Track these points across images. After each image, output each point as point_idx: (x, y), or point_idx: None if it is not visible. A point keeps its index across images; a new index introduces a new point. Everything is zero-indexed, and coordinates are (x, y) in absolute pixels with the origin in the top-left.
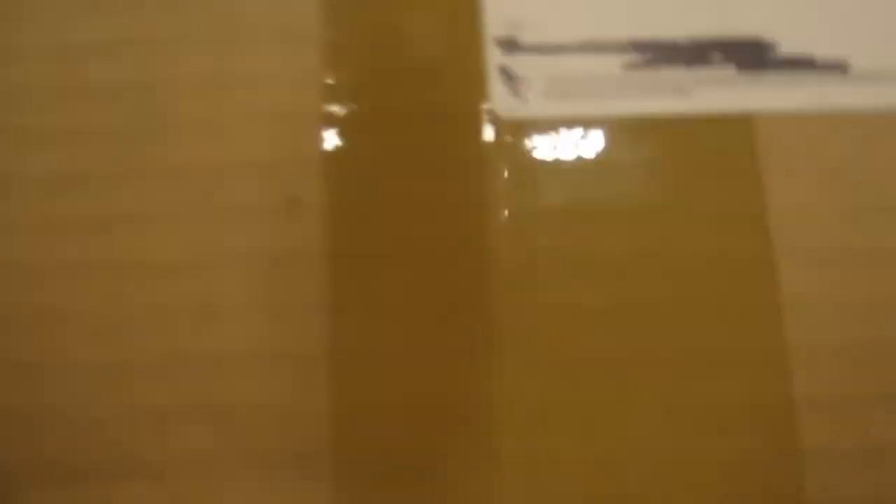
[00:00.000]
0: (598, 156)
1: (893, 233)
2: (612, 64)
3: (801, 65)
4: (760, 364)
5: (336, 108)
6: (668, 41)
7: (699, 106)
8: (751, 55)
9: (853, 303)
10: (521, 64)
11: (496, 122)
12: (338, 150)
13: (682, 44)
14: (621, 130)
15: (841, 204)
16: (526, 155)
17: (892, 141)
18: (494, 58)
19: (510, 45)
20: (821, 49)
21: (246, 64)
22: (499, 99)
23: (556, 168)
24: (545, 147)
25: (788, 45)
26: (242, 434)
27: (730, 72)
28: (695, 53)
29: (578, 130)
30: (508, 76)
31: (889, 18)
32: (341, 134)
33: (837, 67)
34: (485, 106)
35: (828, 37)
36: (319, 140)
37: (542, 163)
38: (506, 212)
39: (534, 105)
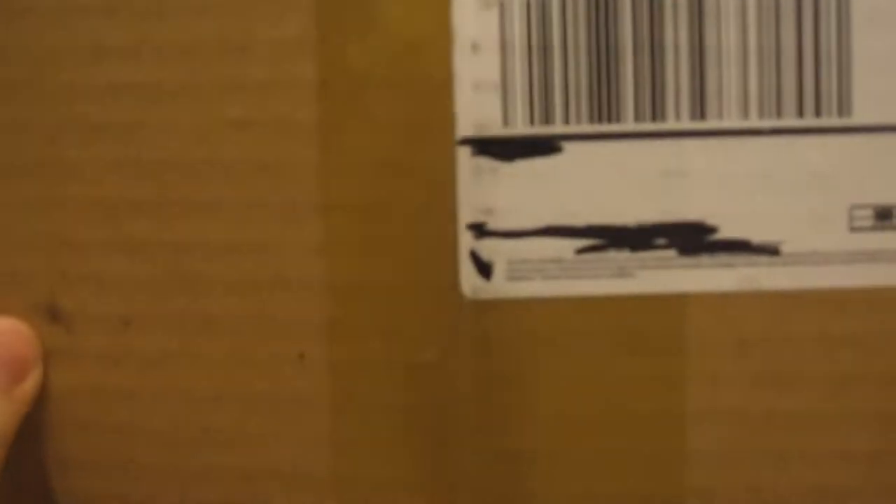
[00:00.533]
0: (549, 332)
1: (789, 395)
2: (566, 248)
3: (737, 248)
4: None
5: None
6: (618, 226)
7: (640, 288)
8: (692, 239)
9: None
10: (488, 248)
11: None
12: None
13: (630, 228)
14: (573, 309)
15: (749, 370)
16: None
17: (805, 316)
18: (465, 243)
19: (480, 230)
20: (757, 233)
21: None
22: (466, 280)
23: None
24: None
25: (729, 228)
26: None
27: (670, 254)
28: (640, 238)
29: (535, 308)
30: (477, 259)
31: (821, 203)
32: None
33: (770, 250)
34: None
35: (765, 221)
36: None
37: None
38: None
39: (497, 286)
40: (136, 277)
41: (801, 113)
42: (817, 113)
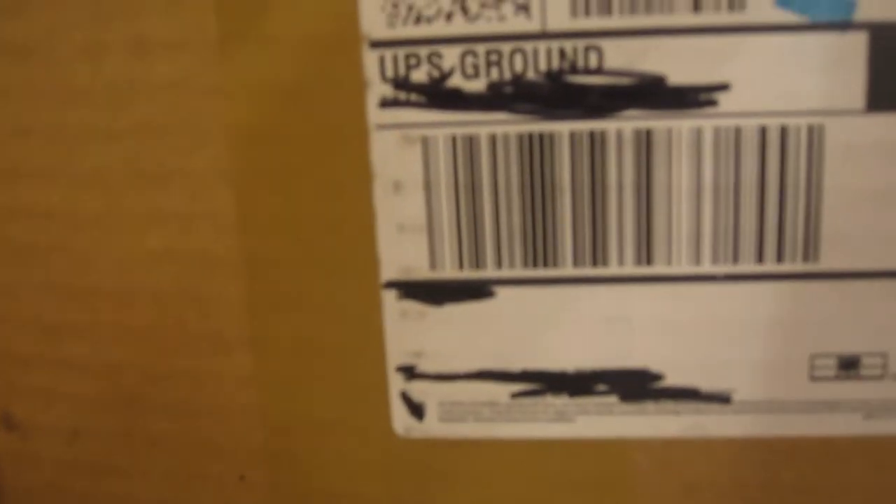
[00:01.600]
0: (486, 473)
1: None
2: (501, 392)
3: (684, 395)
4: None
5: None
6: (556, 371)
7: (580, 432)
8: (635, 385)
9: None
10: (419, 390)
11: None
12: None
13: (568, 374)
14: (510, 451)
15: None
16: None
17: (755, 462)
18: (395, 384)
19: (410, 372)
20: (706, 381)
21: None
22: (398, 420)
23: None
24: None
25: (675, 376)
26: None
27: (612, 400)
28: (580, 384)
29: (470, 448)
30: (408, 400)
31: (779, 352)
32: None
33: (720, 398)
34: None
35: (716, 369)
36: None
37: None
38: None
39: (430, 427)
40: (80, 393)
41: (760, 258)
42: (779, 258)
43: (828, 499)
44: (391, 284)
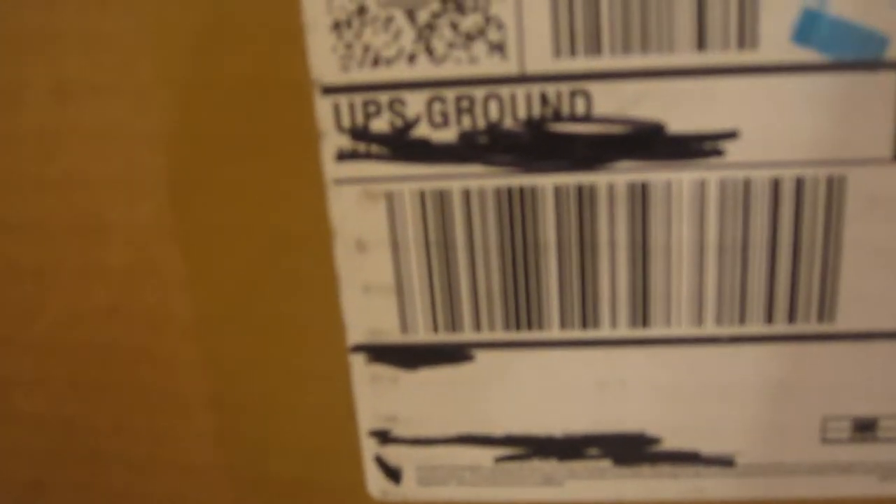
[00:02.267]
0: None
1: None
2: (484, 456)
3: (684, 459)
4: None
5: None
6: (543, 436)
7: (570, 496)
8: (630, 449)
9: None
10: (394, 454)
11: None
12: None
13: (556, 438)
14: None
15: None
16: None
17: None
18: (369, 448)
19: (384, 437)
20: (708, 444)
21: None
22: (374, 483)
23: None
24: None
25: (673, 440)
26: None
27: (605, 464)
28: (569, 447)
29: None
30: (383, 464)
31: (788, 413)
32: None
33: (723, 462)
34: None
35: (718, 432)
36: None
37: None
38: None
39: (408, 490)
40: (39, 448)
41: (770, 319)
42: (791, 318)
43: None
44: (359, 348)
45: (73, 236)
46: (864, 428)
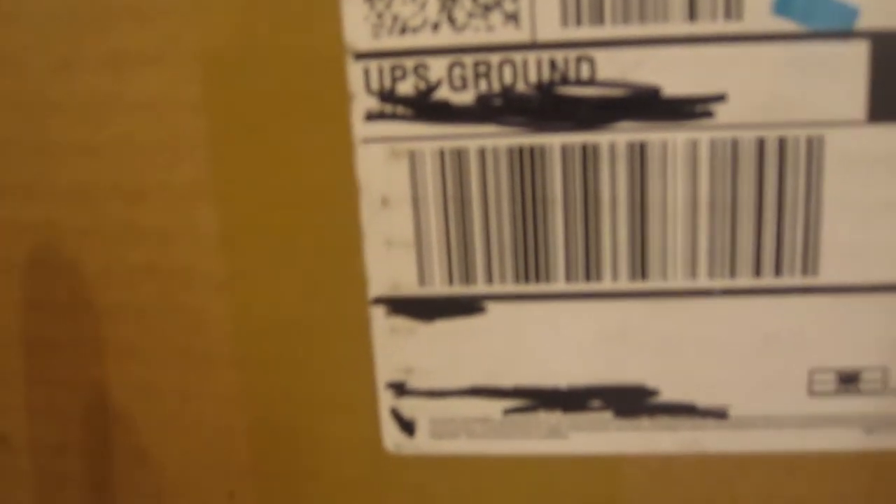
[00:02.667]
0: (477, 489)
1: None
2: (493, 408)
3: (681, 411)
4: None
5: None
6: (549, 388)
7: (574, 448)
8: (630, 401)
9: None
10: (409, 407)
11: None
12: None
13: (561, 390)
14: (502, 467)
15: None
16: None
17: (753, 478)
18: (386, 401)
19: (400, 389)
20: (703, 396)
21: None
22: (389, 436)
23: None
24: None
25: (671, 392)
26: None
27: (606, 416)
28: (573, 400)
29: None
30: (398, 417)
31: (778, 367)
32: None
33: (717, 414)
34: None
35: (712, 384)
36: None
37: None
38: None
39: (421, 443)
40: (64, 410)
41: (758, 272)
42: (777, 272)
43: None
44: (379, 301)
45: (114, 199)
46: (848, 380)
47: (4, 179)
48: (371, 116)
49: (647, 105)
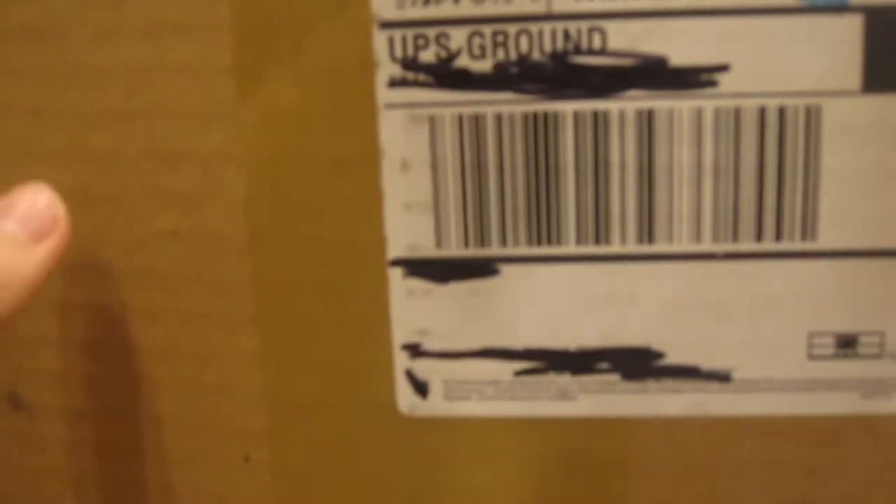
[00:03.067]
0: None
1: None
2: (505, 370)
3: (686, 374)
4: None
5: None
6: (559, 349)
7: (582, 411)
8: (637, 364)
9: None
10: (423, 368)
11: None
12: None
13: (570, 352)
14: (512, 429)
15: (694, 496)
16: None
17: (755, 441)
18: (401, 362)
19: (415, 350)
20: (707, 359)
21: None
22: (403, 398)
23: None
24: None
25: (676, 354)
26: None
27: (614, 379)
28: (582, 362)
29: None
30: (412, 379)
31: (778, 330)
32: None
33: (720, 377)
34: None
35: (716, 347)
36: None
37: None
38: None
39: (434, 405)
40: (86, 375)
41: (759, 236)
42: (778, 236)
43: (827, 478)
44: (397, 262)
45: (145, 164)
46: (846, 344)
47: (38, 147)
48: (394, 83)
49: (654, 74)
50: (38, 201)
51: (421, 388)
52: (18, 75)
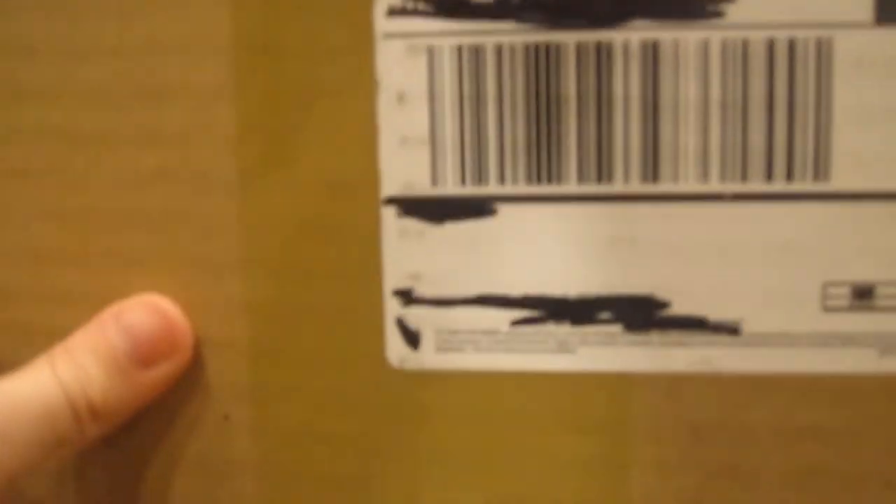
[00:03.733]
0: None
1: (745, 492)
2: (501, 319)
3: (692, 325)
4: None
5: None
6: (558, 297)
7: (582, 364)
8: (640, 314)
9: None
10: (415, 316)
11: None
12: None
13: (570, 300)
14: (507, 384)
15: (702, 461)
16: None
17: (767, 402)
18: (391, 310)
19: (407, 297)
20: (715, 309)
21: None
22: (393, 349)
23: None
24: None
25: (682, 304)
26: None
27: (616, 331)
28: (582, 311)
29: (466, 381)
30: (403, 328)
31: (791, 279)
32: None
33: (729, 329)
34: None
35: (724, 296)
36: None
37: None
38: None
39: (425, 357)
40: (64, 326)
41: (769, 176)
42: (789, 177)
43: (844, 442)
44: (391, 201)
45: (134, 101)
46: (863, 295)
47: (29, 85)
48: (393, 12)
49: (659, 3)
50: (151, 317)
51: (412, 339)
52: (5, 12)
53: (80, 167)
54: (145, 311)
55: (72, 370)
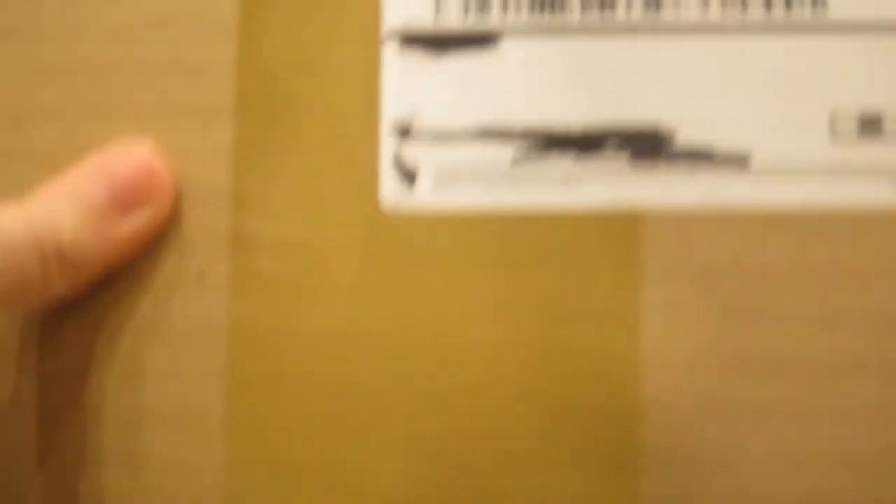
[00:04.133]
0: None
1: (766, 336)
2: (502, 153)
3: (700, 157)
4: (614, 465)
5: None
6: (562, 130)
7: (587, 198)
8: (646, 145)
9: (720, 404)
10: (413, 154)
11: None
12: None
13: (574, 133)
14: (509, 224)
15: (717, 305)
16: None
17: (781, 241)
18: (388, 147)
19: (405, 133)
20: (722, 140)
21: None
22: (388, 189)
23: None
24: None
25: (688, 134)
26: None
27: (621, 163)
28: (587, 142)
29: (465, 222)
30: (400, 165)
31: (797, 108)
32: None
33: (738, 160)
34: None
35: (731, 126)
36: None
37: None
38: None
39: (422, 197)
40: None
41: (769, 5)
42: (788, 5)
43: (863, 280)
44: (393, 34)
45: None
46: (871, 124)
47: None
48: None
49: None
50: (131, 162)
51: (409, 177)
52: None
53: (72, 21)
54: (124, 155)
55: (42, 210)
